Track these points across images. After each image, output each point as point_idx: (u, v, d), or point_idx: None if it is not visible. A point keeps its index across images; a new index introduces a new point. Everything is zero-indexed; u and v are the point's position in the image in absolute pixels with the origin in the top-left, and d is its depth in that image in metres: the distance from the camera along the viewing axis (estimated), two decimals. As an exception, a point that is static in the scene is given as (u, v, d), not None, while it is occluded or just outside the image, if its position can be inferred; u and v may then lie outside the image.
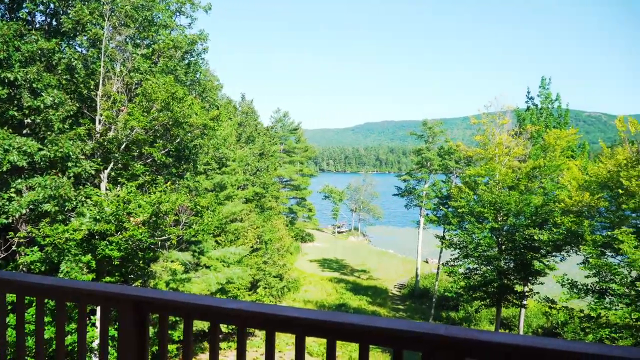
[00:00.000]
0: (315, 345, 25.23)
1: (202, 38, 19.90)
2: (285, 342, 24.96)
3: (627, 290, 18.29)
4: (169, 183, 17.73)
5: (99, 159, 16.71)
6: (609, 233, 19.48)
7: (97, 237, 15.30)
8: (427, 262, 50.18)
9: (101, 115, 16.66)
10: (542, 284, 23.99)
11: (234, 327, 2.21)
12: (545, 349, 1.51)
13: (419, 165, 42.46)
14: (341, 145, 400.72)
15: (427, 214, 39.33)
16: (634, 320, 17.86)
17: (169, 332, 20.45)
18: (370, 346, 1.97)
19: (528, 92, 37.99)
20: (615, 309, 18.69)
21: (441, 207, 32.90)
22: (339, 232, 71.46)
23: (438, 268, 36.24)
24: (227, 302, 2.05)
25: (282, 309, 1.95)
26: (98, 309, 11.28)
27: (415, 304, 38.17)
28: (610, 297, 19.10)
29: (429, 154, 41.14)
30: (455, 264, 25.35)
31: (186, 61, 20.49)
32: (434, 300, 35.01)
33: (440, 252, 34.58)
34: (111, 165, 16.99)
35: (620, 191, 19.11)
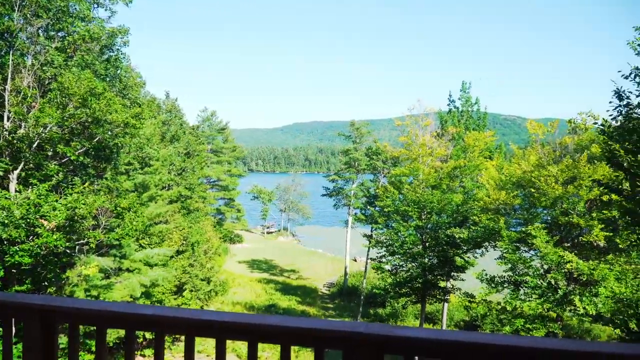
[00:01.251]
0: (244, 347, 24.89)
1: (122, 32, 18.97)
2: (212, 345, 24.39)
3: (539, 283, 19.56)
4: (87, 184, 16.74)
5: (7, 159, 15.46)
6: (523, 229, 20.75)
7: (5, 243, 14.14)
8: (355, 260, 51.07)
9: (9, 111, 15.42)
10: (463, 280, 25.16)
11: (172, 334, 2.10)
12: (458, 341, 1.56)
13: (347, 165, 43.11)
14: (270, 145, 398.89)
15: (355, 214, 40.08)
16: (546, 310, 19.16)
17: (89, 342, 19.33)
18: (301, 347, 2.02)
19: (450, 96, 39.72)
20: (529, 301, 19.96)
21: (368, 207, 33.62)
22: (268, 233, 71.07)
23: (366, 266, 37.03)
24: (143, 307, 1.97)
25: (202, 312, 1.91)
26: None
27: (344, 302, 38.72)
28: (524, 289, 20.36)
29: (356, 155, 41.88)
30: (382, 261, 25.98)
31: (105, 56, 19.45)
32: (362, 297, 35.67)
33: (368, 251, 35.31)
34: (21, 165, 15.77)
35: (533, 190, 20.40)
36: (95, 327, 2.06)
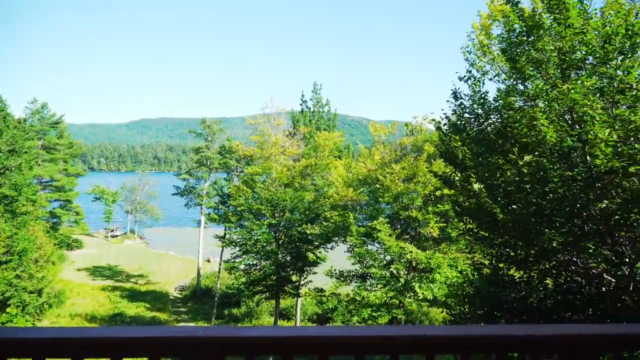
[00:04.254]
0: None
1: None
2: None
3: (384, 273, 20.97)
4: None
5: None
6: (369, 224, 22.08)
7: None
8: (209, 261, 49.80)
9: None
10: (315, 273, 25.94)
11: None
12: (294, 336, 1.65)
13: (199, 163, 41.77)
14: (114, 142, 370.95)
15: (208, 213, 38.96)
16: (390, 298, 20.61)
17: None
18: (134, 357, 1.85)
19: (302, 96, 40.78)
20: (375, 291, 21.32)
21: (221, 206, 32.97)
22: (112, 237, 65.85)
23: (220, 266, 36.26)
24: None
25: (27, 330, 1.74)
26: None
27: (197, 305, 37.47)
28: (370, 280, 21.68)
29: (209, 153, 40.80)
30: (236, 260, 25.64)
31: None
32: (216, 299, 34.86)
33: (222, 251, 34.63)
34: None
35: (378, 186, 21.81)
36: None
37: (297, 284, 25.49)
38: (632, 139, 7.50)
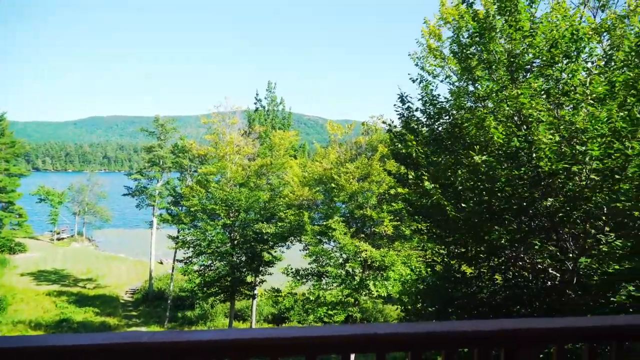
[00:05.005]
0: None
1: None
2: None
3: (339, 272, 21.09)
4: None
5: None
6: (324, 223, 22.14)
7: None
8: (161, 263, 48.61)
9: None
10: (271, 274, 25.78)
11: None
12: (252, 338, 1.61)
13: (151, 163, 40.66)
14: (61, 140, 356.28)
15: (160, 214, 38.05)
16: (345, 297, 20.75)
17: None
18: None
19: (257, 95, 40.46)
20: (331, 289, 21.42)
21: (174, 207, 32.25)
22: (58, 239, 63.16)
23: (173, 268, 35.45)
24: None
25: None
26: None
27: (149, 308, 36.48)
28: (326, 279, 21.76)
29: (161, 152, 39.79)
30: (190, 262, 25.14)
31: None
32: (169, 301, 34.06)
33: (175, 252, 33.86)
34: None
35: (333, 185, 21.89)
36: None
37: (252, 284, 25.25)
38: (574, 139, 7.81)
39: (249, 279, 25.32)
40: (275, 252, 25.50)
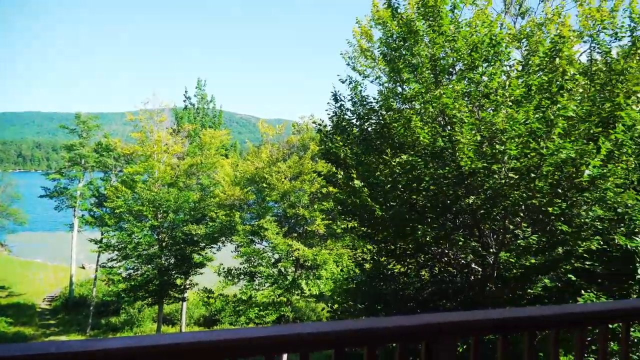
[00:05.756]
0: None
1: None
2: None
3: (271, 272, 20.97)
4: None
5: None
6: (256, 222, 21.93)
7: None
8: (83, 268, 46.07)
9: None
10: (202, 273, 25.18)
11: None
12: (165, 344, 1.53)
13: (71, 162, 38.37)
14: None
15: (82, 216, 36.04)
16: (277, 296, 20.66)
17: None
18: None
19: (186, 92, 39.35)
20: (263, 289, 21.25)
21: (96, 209, 30.70)
22: (-34, 245, 58.30)
23: (96, 273, 33.71)
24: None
25: None
26: None
27: (70, 316, 34.44)
28: (258, 279, 21.56)
29: (83, 150, 37.69)
30: (115, 266, 24.00)
31: None
32: (92, 308, 32.35)
33: (98, 256, 32.15)
34: None
35: (265, 185, 21.73)
36: None
37: (182, 287, 24.53)
38: (495, 139, 8.19)
39: (178, 281, 24.58)
40: (205, 253, 24.93)
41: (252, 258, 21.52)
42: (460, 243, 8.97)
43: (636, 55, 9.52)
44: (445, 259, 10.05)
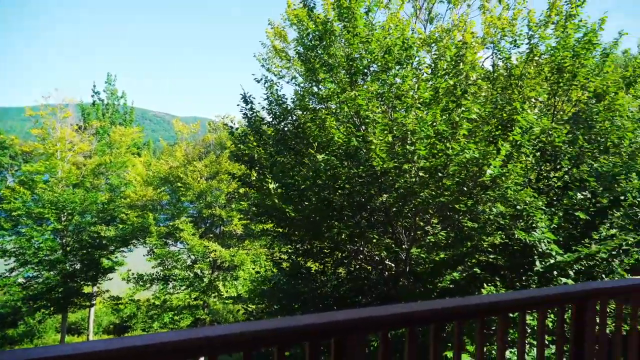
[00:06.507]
0: None
1: None
2: None
3: (187, 274, 20.32)
4: None
5: None
6: (171, 224, 21.16)
7: None
8: (-24, 276, 42.02)
9: None
10: (111, 279, 23.84)
11: None
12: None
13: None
14: None
15: (-27, 220, 32.83)
16: (193, 299, 20.07)
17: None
18: None
19: (94, 87, 37.09)
20: (178, 293, 20.54)
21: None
22: None
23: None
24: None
25: None
26: None
27: (-42, 331, 31.26)
28: (173, 282, 20.81)
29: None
30: (11, 275, 22.02)
31: None
32: (-15, 320, 29.56)
33: (-7, 264, 29.48)
34: None
35: (179, 185, 21.03)
36: None
37: (89, 294, 23.06)
38: (406, 140, 8.48)
39: (86, 289, 23.08)
40: (116, 257, 23.63)
41: (167, 260, 20.72)
42: (374, 240, 9.20)
43: (533, 61, 10.28)
44: (361, 256, 10.26)
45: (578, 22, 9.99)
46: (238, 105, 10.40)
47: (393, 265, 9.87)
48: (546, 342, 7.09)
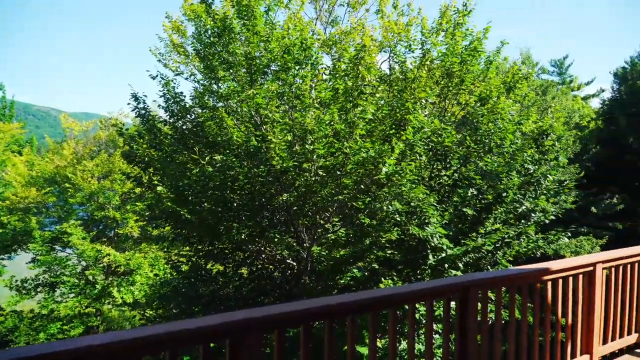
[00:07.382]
0: None
1: None
2: None
3: (77, 281, 18.94)
4: None
5: None
6: (58, 227, 19.58)
7: None
8: None
9: None
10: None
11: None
12: None
13: None
14: None
15: None
16: (84, 307, 18.75)
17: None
18: None
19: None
20: (66, 301, 19.06)
21: None
22: None
23: None
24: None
25: None
26: None
27: None
28: (61, 290, 19.28)
29: None
30: None
31: None
32: None
33: None
34: None
35: (68, 185, 19.54)
36: None
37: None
38: (305, 139, 8.56)
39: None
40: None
41: (54, 267, 19.15)
42: (276, 239, 9.19)
43: (425, 66, 10.86)
44: (263, 255, 10.22)
45: (465, 31, 10.73)
46: (129, 104, 9.85)
47: (295, 264, 9.93)
48: (436, 332, 7.53)
